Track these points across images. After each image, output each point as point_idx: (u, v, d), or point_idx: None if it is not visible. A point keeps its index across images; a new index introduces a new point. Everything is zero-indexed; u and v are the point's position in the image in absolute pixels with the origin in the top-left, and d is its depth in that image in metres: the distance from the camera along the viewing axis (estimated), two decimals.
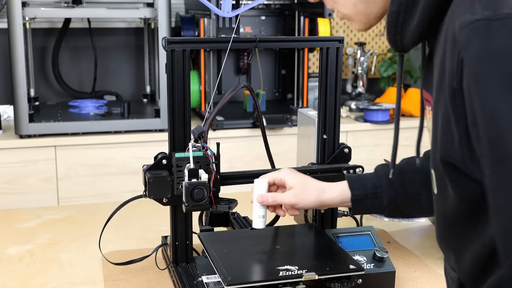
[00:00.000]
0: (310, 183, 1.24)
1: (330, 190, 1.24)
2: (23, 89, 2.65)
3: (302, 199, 1.22)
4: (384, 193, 1.23)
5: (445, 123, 0.83)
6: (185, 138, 1.26)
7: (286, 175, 1.24)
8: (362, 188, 1.23)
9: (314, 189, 1.23)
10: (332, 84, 1.34)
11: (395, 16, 0.90)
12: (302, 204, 1.22)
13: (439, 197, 0.93)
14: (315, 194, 1.22)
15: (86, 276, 1.35)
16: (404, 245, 1.50)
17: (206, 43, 1.60)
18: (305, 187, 1.22)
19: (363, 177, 1.26)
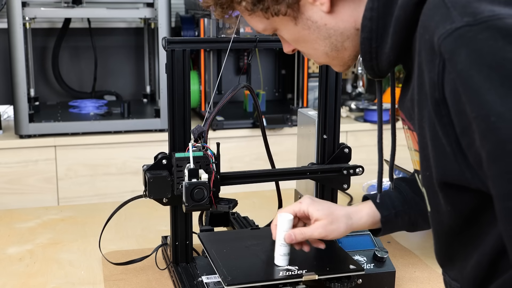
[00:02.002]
0: (336, 212, 1.16)
1: (357, 214, 1.18)
2: (23, 89, 2.65)
3: (332, 230, 1.15)
4: (410, 209, 1.20)
5: (433, 138, 0.81)
6: (185, 138, 1.26)
7: (309, 206, 1.17)
8: (390, 207, 1.20)
9: (342, 218, 1.16)
10: (332, 84, 1.34)
11: (367, 43, 0.90)
12: (333, 236, 1.16)
13: (434, 214, 0.92)
14: (344, 223, 1.16)
15: (86, 276, 1.35)
16: (404, 245, 1.50)
17: (206, 43, 1.61)
18: (332, 217, 1.15)
19: (386, 195, 1.22)
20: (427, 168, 0.86)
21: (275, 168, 1.39)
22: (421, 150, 0.88)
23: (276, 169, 1.37)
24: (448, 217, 0.87)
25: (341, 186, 1.37)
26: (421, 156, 0.88)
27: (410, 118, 0.92)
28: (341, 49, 0.97)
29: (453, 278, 0.93)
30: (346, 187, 1.37)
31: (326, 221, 1.14)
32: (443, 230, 0.91)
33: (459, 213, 0.85)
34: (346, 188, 1.37)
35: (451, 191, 0.83)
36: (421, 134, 0.86)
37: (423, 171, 0.89)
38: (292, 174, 1.36)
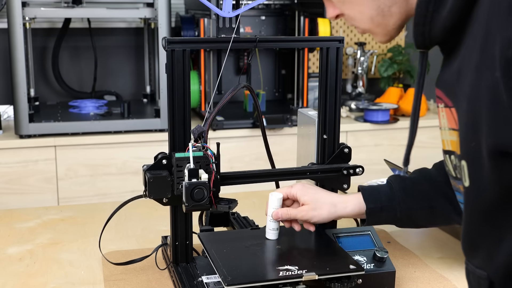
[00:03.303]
0: (322, 198, 1.27)
1: (342, 204, 1.27)
2: (23, 89, 2.65)
3: (314, 215, 1.26)
4: (397, 205, 1.26)
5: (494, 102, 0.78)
6: (185, 138, 1.26)
7: (298, 190, 1.27)
8: (377, 201, 1.26)
9: (326, 205, 1.26)
10: (332, 84, 1.34)
11: (424, 6, 0.88)
12: (315, 220, 1.26)
13: (471, 190, 0.89)
14: (327, 210, 1.26)
15: (86, 276, 1.35)
16: (404, 245, 1.50)
17: (206, 43, 1.60)
18: (316, 204, 1.26)
19: (376, 189, 1.29)
20: (473, 139, 0.84)
21: (275, 168, 1.39)
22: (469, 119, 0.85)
23: (276, 169, 1.37)
24: (491, 191, 0.84)
25: (341, 186, 1.37)
26: (466, 127, 0.86)
27: (450, 93, 0.90)
28: (387, 15, 0.97)
29: (478, 266, 0.90)
30: (346, 187, 1.37)
31: (310, 206, 1.26)
32: (479, 208, 0.88)
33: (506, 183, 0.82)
34: (346, 188, 1.37)
35: (503, 160, 0.81)
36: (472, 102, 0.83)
37: (467, 143, 0.86)
38: (292, 174, 1.36)
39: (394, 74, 3.57)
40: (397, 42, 3.77)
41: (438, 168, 1.33)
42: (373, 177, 1.86)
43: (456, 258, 1.44)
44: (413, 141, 1.04)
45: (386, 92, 3.43)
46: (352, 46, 3.64)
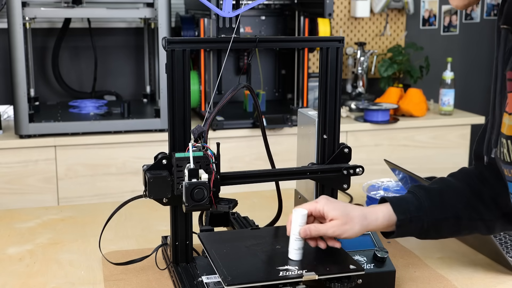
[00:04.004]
0: (352, 212, 1.19)
1: (373, 215, 1.21)
2: (23, 89, 2.65)
3: (346, 229, 1.18)
4: (425, 216, 1.23)
5: None
6: (185, 138, 1.26)
7: (325, 205, 1.19)
8: (406, 212, 1.22)
9: (357, 218, 1.19)
10: (332, 84, 1.34)
11: None
12: (347, 235, 1.18)
13: None
14: (359, 223, 1.19)
15: (86, 276, 1.35)
16: (404, 245, 1.50)
17: (206, 43, 1.60)
18: (348, 217, 1.18)
19: (404, 199, 1.25)
20: None
21: (275, 168, 1.39)
22: None
23: (276, 169, 1.37)
24: None
25: (341, 186, 1.36)
26: None
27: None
28: None
29: None
30: (346, 187, 1.36)
31: (341, 220, 1.17)
32: None
33: None
34: (346, 188, 1.37)
35: None
36: None
37: None
38: (292, 174, 1.36)
39: (394, 74, 3.57)
40: (397, 42, 3.77)
41: (459, 176, 1.32)
42: (373, 177, 1.86)
43: (456, 258, 1.44)
44: (494, 125, 1.02)
45: (386, 92, 3.43)
46: (352, 46, 3.64)
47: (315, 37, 2.68)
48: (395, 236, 1.24)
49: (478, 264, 1.41)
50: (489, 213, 1.28)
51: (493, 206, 1.28)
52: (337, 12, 3.64)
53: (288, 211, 1.53)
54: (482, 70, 4.04)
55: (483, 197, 1.28)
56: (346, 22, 3.68)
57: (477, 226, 1.28)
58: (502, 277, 1.35)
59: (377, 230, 1.24)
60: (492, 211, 1.28)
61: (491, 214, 1.28)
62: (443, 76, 3.33)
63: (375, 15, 3.72)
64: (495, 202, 1.28)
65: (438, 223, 1.25)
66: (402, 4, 3.69)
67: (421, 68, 3.59)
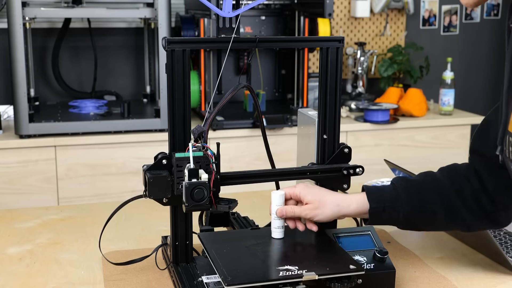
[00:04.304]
0: (325, 197, 1.27)
1: (346, 202, 1.27)
2: (23, 89, 2.65)
3: (318, 213, 1.26)
4: (401, 207, 1.27)
5: None
6: (185, 138, 1.26)
7: (302, 190, 1.28)
8: (380, 201, 1.27)
9: (330, 204, 1.26)
10: (332, 84, 1.34)
11: None
12: (319, 218, 1.26)
13: None
14: (330, 209, 1.26)
15: (86, 276, 1.35)
16: (404, 245, 1.50)
17: (206, 43, 1.60)
18: (320, 202, 1.26)
19: (381, 189, 1.29)
20: None
21: (275, 168, 1.39)
22: None
23: (276, 169, 1.37)
24: None
25: (341, 186, 1.36)
26: None
27: None
28: None
29: None
30: (346, 187, 1.37)
31: (314, 204, 1.26)
32: None
33: None
34: (346, 188, 1.37)
35: None
36: None
37: None
38: (292, 174, 1.36)
39: (394, 74, 3.57)
40: (397, 42, 3.77)
41: (445, 172, 1.34)
42: (373, 177, 1.86)
43: (456, 258, 1.44)
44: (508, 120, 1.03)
45: (386, 92, 3.43)
46: (352, 46, 3.64)
47: (315, 37, 2.68)
48: (369, 223, 1.29)
49: (478, 264, 1.41)
50: (467, 212, 1.29)
51: (474, 205, 1.29)
52: (337, 12, 3.64)
53: None
54: (482, 70, 4.04)
55: (464, 196, 1.29)
56: (346, 22, 3.68)
57: (454, 223, 1.30)
58: (502, 277, 1.35)
59: (350, 216, 1.30)
60: (472, 210, 1.29)
61: (469, 213, 1.29)
62: (443, 76, 3.33)
63: (375, 15, 3.72)
64: (477, 202, 1.29)
65: (412, 215, 1.28)
66: (402, 4, 3.69)
67: (421, 68, 3.59)
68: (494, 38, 4.00)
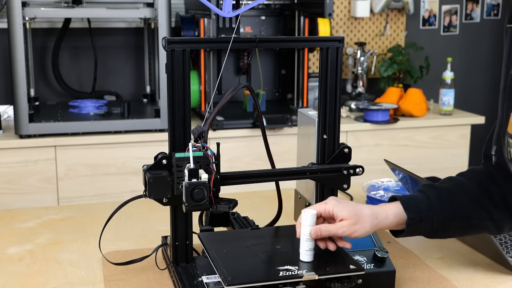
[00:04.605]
0: (361, 211, 1.20)
1: (383, 214, 1.22)
2: (23, 89, 2.65)
3: (357, 229, 1.18)
4: (435, 215, 1.24)
5: None
6: (185, 138, 1.26)
7: (335, 206, 1.20)
8: (417, 211, 1.23)
9: (368, 217, 1.20)
10: (332, 84, 1.34)
11: None
12: (357, 234, 1.19)
13: None
14: (369, 222, 1.19)
15: (86, 276, 1.35)
16: (404, 245, 1.50)
17: (206, 43, 1.60)
18: (358, 217, 1.18)
19: (413, 198, 1.25)
20: None
21: (275, 168, 1.39)
22: None
23: (276, 169, 1.37)
24: None
25: (341, 186, 1.36)
26: None
27: None
28: None
29: None
30: (346, 187, 1.37)
31: (351, 220, 1.18)
32: None
33: None
34: (346, 188, 1.37)
35: None
36: None
37: None
38: (292, 174, 1.36)
39: (394, 74, 3.57)
40: (397, 42, 3.77)
41: (468, 176, 1.33)
42: (373, 177, 1.86)
43: (456, 258, 1.44)
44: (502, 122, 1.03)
45: (386, 92, 3.43)
46: (352, 46, 3.64)
47: (315, 37, 2.68)
48: (405, 235, 1.24)
49: (478, 264, 1.41)
50: (498, 212, 1.28)
51: (503, 205, 1.28)
52: (337, 12, 3.64)
53: (288, 211, 1.54)
54: (482, 70, 4.04)
55: (492, 196, 1.28)
56: (346, 22, 3.68)
57: (487, 226, 1.28)
58: (502, 277, 1.35)
59: (387, 228, 1.24)
60: (502, 211, 1.28)
61: (500, 213, 1.28)
62: (443, 76, 3.33)
63: (375, 15, 3.72)
64: (504, 201, 1.28)
65: (448, 222, 1.25)
66: (402, 4, 3.69)
67: (421, 68, 3.59)
68: (494, 38, 4.00)
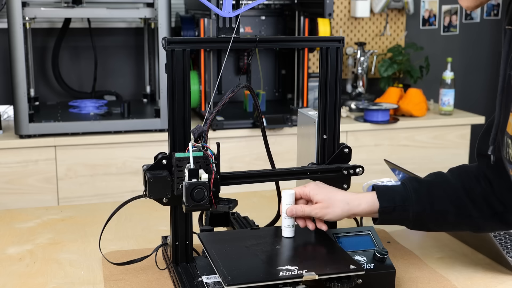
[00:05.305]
0: (335, 196, 1.28)
1: (356, 201, 1.28)
2: (23, 89, 2.65)
3: (328, 212, 1.27)
4: (411, 207, 1.27)
5: None
6: (185, 138, 1.26)
7: (312, 189, 1.29)
8: (390, 200, 1.27)
9: (339, 202, 1.27)
10: (332, 84, 1.34)
11: None
12: (329, 217, 1.27)
13: None
14: (340, 207, 1.27)
15: (86, 276, 1.35)
16: (404, 245, 1.50)
17: (206, 43, 1.60)
18: (330, 201, 1.27)
19: (391, 189, 1.29)
20: None
21: (275, 168, 1.39)
22: None
23: (276, 169, 1.37)
24: None
25: (341, 186, 1.36)
26: None
27: None
28: None
29: None
30: (346, 187, 1.37)
31: (324, 204, 1.27)
32: None
33: None
34: (346, 188, 1.37)
35: None
36: None
37: None
38: (292, 174, 1.36)
39: (394, 74, 3.57)
40: (397, 42, 3.77)
41: (455, 173, 1.34)
42: (373, 177, 1.86)
43: (456, 258, 1.44)
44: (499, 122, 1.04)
45: (386, 92, 3.43)
46: (352, 46, 3.64)
47: (315, 37, 2.68)
48: (378, 222, 1.29)
49: (478, 264, 1.41)
50: (477, 212, 1.29)
51: (484, 205, 1.29)
52: (337, 12, 3.64)
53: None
54: (482, 70, 4.04)
55: (474, 196, 1.29)
56: (346, 22, 3.68)
57: (464, 223, 1.30)
58: (502, 277, 1.35)
59: (360, 215, 1.31)
60: (482, 211, 1.29)
61: (479, 213, 1.29)
62: (443, 76, 3.33)
63: (375, 15, 3.72)
64: (486, 202, 1.29)
65: (423, 215, 1.27)
66: (402, 4, 3.69)
67: (421, 68, 3.59)
68: (494, 38, 4.00)
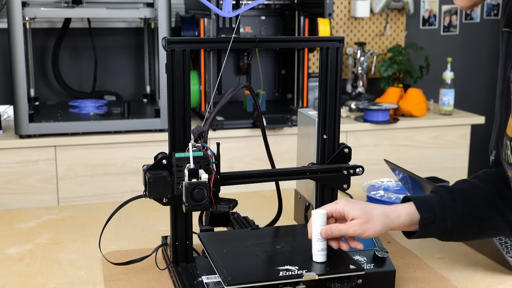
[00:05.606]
0: (373, 210, 1.19)
1: (395, 214, 1.21)
2: (23, 89, 2.65)
3: (368, 228, 1.17)
4: (449, 216, 1.22)
5: None
6: (185, 138, 1.26)
7: (345, 206, 1.19)
8: (430, 211, 1.21)
9: (379, 216, 1.19)
10: (332, 84, 1.34)
11: None
12: (368, 233, 1.18)
13: None
14: (381, 221, 1.18)
15: (86, 276, 1.35)
16: (404, 245, 1.50)
17: (206, 43, 1.60)
18: (368, 216, 1.18)
19: (427, 199, 1.24)
20: None
21: (275, 168, 1.39)
22: None
23: (276, 169, 1.37)
24: None
25: (341, 186, 1.37)
26: None
27: None
28: None
29: None
30: (346, 187, 1.37)
31: (362, 219, 1.17)
32: None
33: None
34: (346, 188, 1.37)
35: None
36: None
37: None
38: (292, 174, 1.36)
39: (394, 74, 3.57)
40: (397, 42, 3.77)
41: (481, 177, 1.32)
42: (373, 177, 1.86)
43: (456, 258, 1.44)
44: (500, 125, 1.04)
45: (386, 92, 3.43)
46: (352, 46, 3.64)
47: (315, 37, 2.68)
48: (417, 236, 1.23)
49: (478, 264, 1.41)
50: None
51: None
52: (337, 12, 3.64)
53: (288, 211, 1.54)
54: (482, 70, 4.04)
55: (505, 198, 1.27)
56: (346, 22, 3.68)
57: (501, 227, 1.27)
58: (502, 277, 1.35)
59: (399, 229, 1.23)
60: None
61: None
62: (443, 76, 3.33)
63: (375, 15, 3.72)
64: None
65: (462, 224, 1.23)
66: (402, 4, 3.69)
67: (421, 68, 3.59)
68: (494, 38, 4.00)
